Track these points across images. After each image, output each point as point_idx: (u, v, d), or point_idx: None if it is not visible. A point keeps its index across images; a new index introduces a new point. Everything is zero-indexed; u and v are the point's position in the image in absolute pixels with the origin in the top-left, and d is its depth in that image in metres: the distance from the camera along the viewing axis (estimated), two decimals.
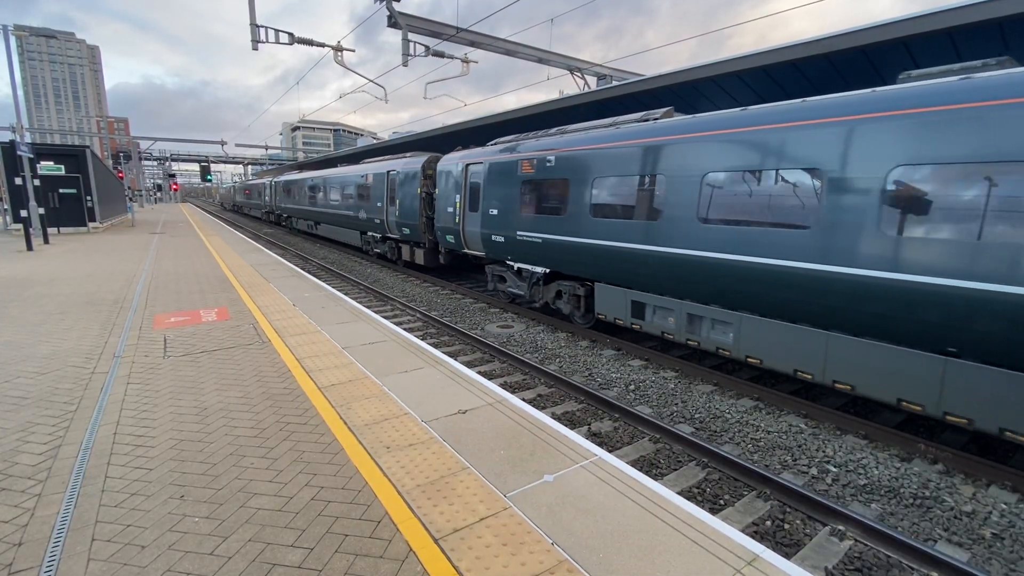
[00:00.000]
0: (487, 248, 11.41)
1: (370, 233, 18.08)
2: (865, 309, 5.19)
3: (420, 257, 14.87)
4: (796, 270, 5.66)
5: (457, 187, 12.25)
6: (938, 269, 4.66)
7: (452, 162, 12.65)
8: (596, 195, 8.39)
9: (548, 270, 9.80)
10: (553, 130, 10.21)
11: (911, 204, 4.87)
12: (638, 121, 8.14)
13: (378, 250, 17.89)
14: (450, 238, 12.83)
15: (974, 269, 4.45)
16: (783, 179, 5.88)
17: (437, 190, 13.34)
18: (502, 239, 10.71)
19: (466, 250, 12.41)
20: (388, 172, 16.03)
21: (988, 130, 4.39)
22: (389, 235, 16.55)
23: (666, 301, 7.45)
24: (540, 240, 9.57)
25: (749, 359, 6.40)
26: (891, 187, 4.98)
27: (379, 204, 16.54)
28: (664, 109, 8.18)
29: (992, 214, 4.39)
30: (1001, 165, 4.32)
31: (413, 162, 14.77)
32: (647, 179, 7.51)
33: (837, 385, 5.55)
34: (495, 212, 10.85)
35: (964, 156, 4.52)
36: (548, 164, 9.34)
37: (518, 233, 10.16)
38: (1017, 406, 4.39)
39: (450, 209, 12.58)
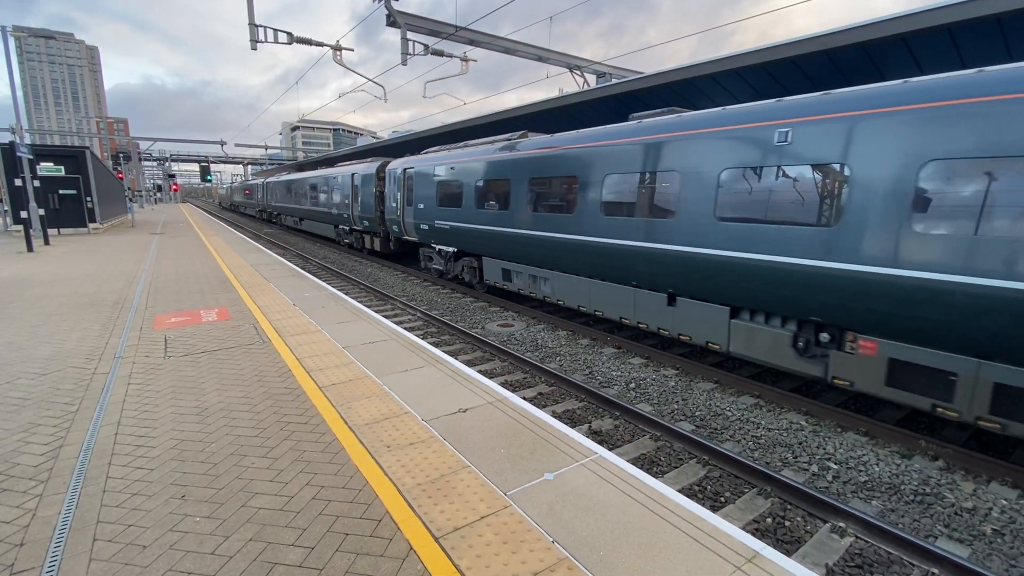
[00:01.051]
0: (419, 234, 14.51)
1: (341, 226, 21.24)
2: (598, 261, 8.44)
3: (377, 244, 17.94)
4: (565, 240, 9.00)
5: (398, 187, 15.28)
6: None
7: (395, 167, 15.64)
8: (480, 192, 11.38)
9: (456, 249, 12.90)
10: (459, 145, 13.35)
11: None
12: (506, 142, 11.03)
13: (347, 240, 21.04)
14: (395, 228, 15.94)
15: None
16: (563, 183, 9.20)
17: (386, 189, 16.33)
18: (427, 227, 13.81)
19: (406, 236, 15.50)
20: (352, 175, 18.95)
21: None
22: (355, 227, 19.60)
23: (520, 267, 10.60)
24: (449, 227, 12.73)
25: (559, 302, 9.65)
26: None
27: (346, 202, 19.55)
28: (520, 132, 11.40)
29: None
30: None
31: (370, 166, 17.61)
32: (504, 182, 10.53)
33: (597, 312, 8.82)
34: (422, 206, 13.92)
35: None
36: (452, 170, 12.60)
37: (436, 222, 13.27)
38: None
39: (394, 204, 15.65)
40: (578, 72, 18.86)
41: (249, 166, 72.97)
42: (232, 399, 4.53)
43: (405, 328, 9.34)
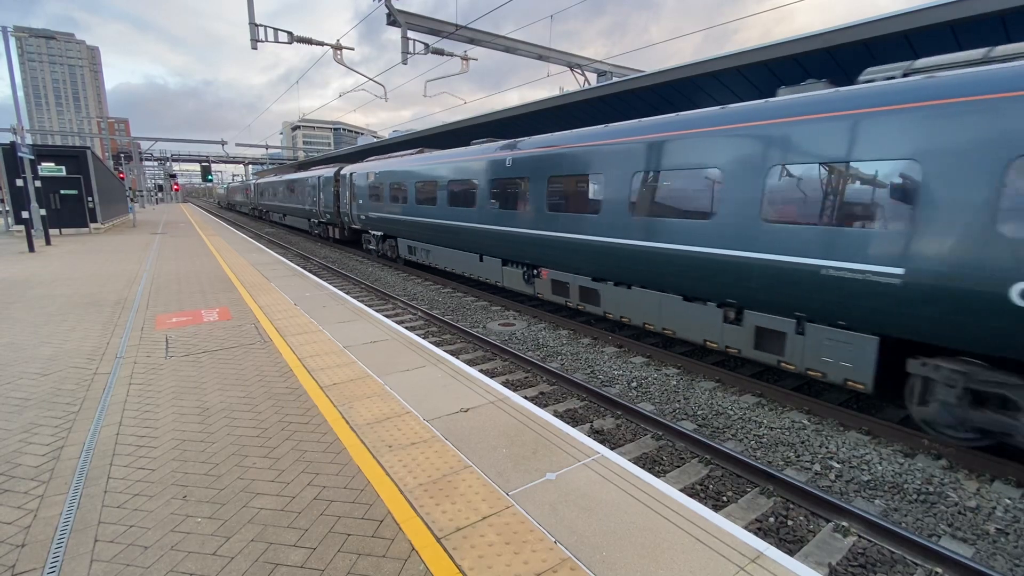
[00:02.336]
0: (360, 223, 18.85)
1: (311, 219, 25.81)
2: (451, 237, 12.50)
3: (336, 233, 22.55)
4: (435, 223, 13.01)
5: (345, 188, 19.82)
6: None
7: (345, 172, 20.03)
8: (391, 191, 15.55)
9: (382, 233, 17.21)
10: (388, 155, 17.47)
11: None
12: (408, 154, 15.36)
13: (317, 231, 25.61)
14: (346, 219, 20.32)
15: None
16: (431, 187, 13.15)
17: (339, 190, 20.93)
18: (364, 217, 18.18)
19: (353, 225, 19.76)
20: (318, 178, 23.43)
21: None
22: (320, 220, 24.19)
23: (416, 244, 14.68)
24: (376, 217, 17.02)
25: (434, 265, 13.72)
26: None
27: (314, 199, 24.30)
28: (418, 148, 16.45)
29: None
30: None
31: (330, 171, 22.10)
32: (409, 184, 14.37)
33: (453, 270, 12.94)
34: (360, 202, 18.32)
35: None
36: (376, 175, 16.71)
37: (369, 214, 17.61)
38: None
39: (345, 200, 20.02)
40: (579, 71, 18.82)
41: (250, 166, 73.01)
42: (233, 399, 4.53)
43: (406, 327, 9.34)
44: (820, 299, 5.52)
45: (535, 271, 9.96)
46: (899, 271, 4.83)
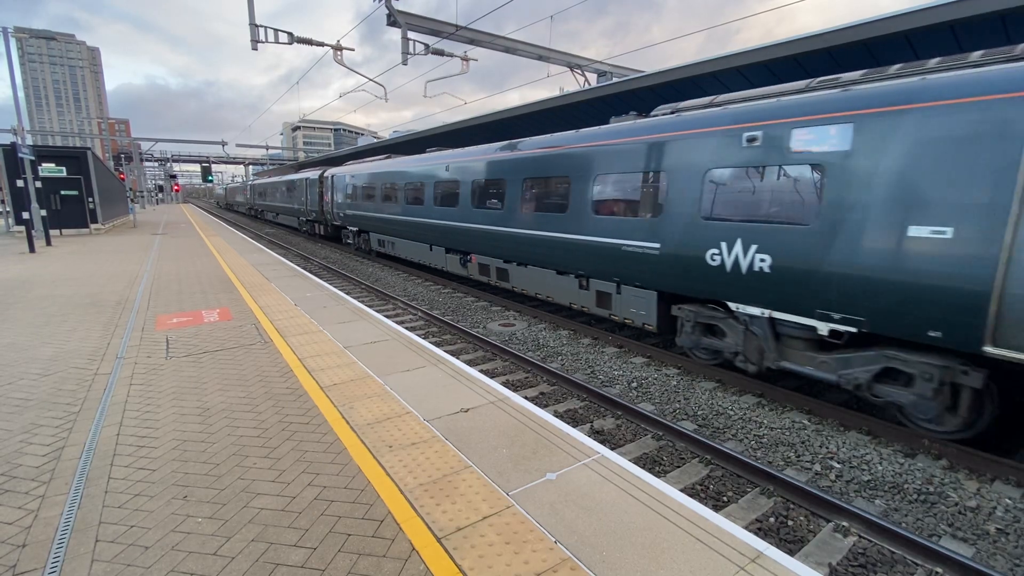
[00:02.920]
0: (339, 220, 21.19)
1: (301, 217, 28.08)
2: (411, 231, 14.52)
3: (321, 230, 24.89)
4: (395, 219, 15.21)
5: (327, 188, 22.30)
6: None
7: (327, 174, 22.39)
8: (364, 193, 17.91)
9: (358, 229, 19.36)
10: (363, 160, 20.99)
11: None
12: (384, 158, 18.10)
13: (305, 228, 28.05)
14: (328, 216, 22.67)
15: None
16: (391, 189, 15.67)
17: (323, 190, 23.12)
18: (343, 214, 20.45)
19: (334, 222, 22.19)
20: (304, 179, 25.87)
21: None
22: (308, 218, 26.47)
23: (384, 237, 16.74)
24: (352, 214, 19.25)
25: (398, 255, 15.92)
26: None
27: (302, 199, 26.55)
28: (385, 155, 19.45)
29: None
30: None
31: (315, 173, 24.21)
32: (377, 186, 16.60)
33: (413, 259, 14.95)
34: (339, 201, 20.69)
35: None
36: (351, 176, 19.37)
37: (346, 211, 19.92)
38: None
39: (327, 199, 22.41)
40: (579, 71, 18.83)
41: (250, 166, 73.04)
42: (234, 399, 4.53)
43: (406, 328, 9.34)
44: (624, 268, 7.83)
45: (468, 257, 12.26)
46: (657, 246, 7.20)
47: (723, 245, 6.33)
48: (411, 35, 14.81)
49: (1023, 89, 4.16)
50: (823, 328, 5.57)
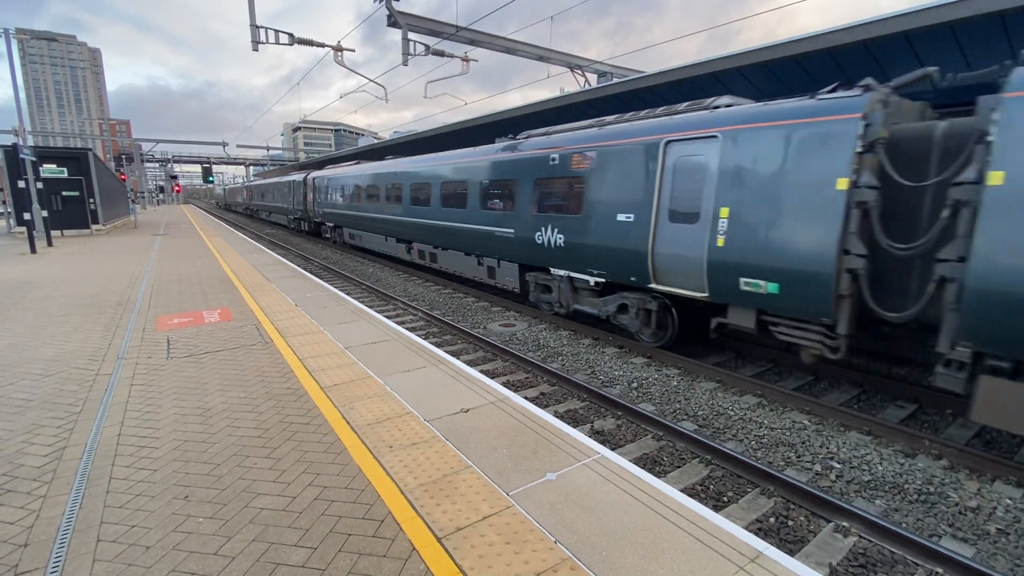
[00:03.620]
0: (320, 217, 24.26)
1: (289, 215, 31.28)
2: (373, 225, 17.52)
3: (306, 227, 27.94)
4: (357, 215, 18.71)
5: (310, 189, 25.24)
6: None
7: (310, 177, 25.48)
8: (338, 193, 20.69)
9: (334, 224, 22.25)
10: (338, 165, 24.24)
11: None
12: (354, 164, 21.68)
13: (293, 225, 31.34)
14: (311, 214, 25.66)
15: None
16: (358, 190, 18.94)
17: (307, 191, 25.89)
18: (322, 212, 23.46)
19: (315, 219, 25.29)
20: (291, 181, 29.37)
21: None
22: (295, 216, 29.55)
23: (354, 231, 19.39)
24: (329, 212, 22.19)
25: (363, 246, 19.14)
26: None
27: (291, 199, 29.61)
28: (355, 160, 26.12)
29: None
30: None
31: (300, 176, 27.42)
32: (348, 187, 19.32)
33: (378, 250, 18.16)
34: (319, 200, 23.74)
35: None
36: (328, 179, 22.30)
37: (324, 209, 22.94)
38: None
39: (310, 198, 25.33)
40: (579, 72, 18.84)
41: (251, 167, 73.09)
42: (235, 400, 4.54)
43: (407, 328, 9.34)
44: (499, 248, 10.77)
45: (411, 245, 15.31)
46: (512, 231, 10.19)
47: (543, 229, 9.48)
48: (411, 36, 14.83)
49: (659, 132, 7.41)
50: (592, 280, 8.75)
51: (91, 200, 21.79)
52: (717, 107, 7.12)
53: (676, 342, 7.95)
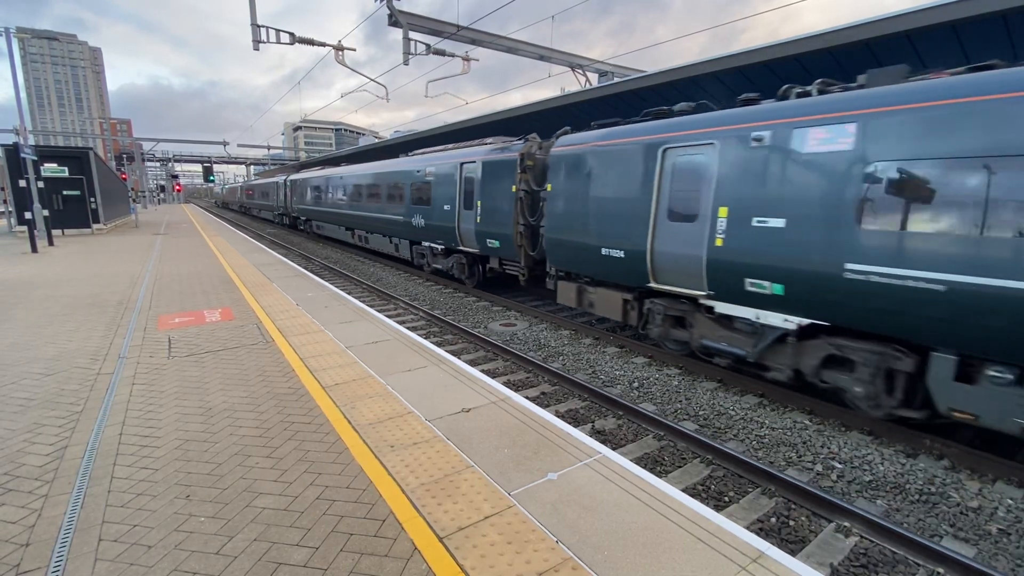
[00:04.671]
0: (298, 212, 28.37)
1: (275, 211, 36.02)
2: (338, 219, 22.06)
3: (287, 220, 32.57)
4: (323, 210, 23.83)
5: (289, 188, 29.71)
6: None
7: (289, 179, 29.74)
8: (308, 193, 25.35)
9: (307, 218, 26.86)
10: (312, 168, 30.07)
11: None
12: (320, 168, 27.82)
13: (276, 220, 36.26)
14: (290, 209, 30.14)
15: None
16: (318, 191, 24.40)
17: (287, 191, 30.37)
18: (299, 207, 27.57)
19: (293, 214, 29.83)
20: (275, 182, 34.27)
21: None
22: (279, 212, 34.25)
23: (320, 223, 24.66)
24: (302, 207, 26.92)
25: (327, 235, 24.47)
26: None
27: (274, 197, 34.77)
28: (321, 165, 34.63)
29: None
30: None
31: (283, 177, 32.23)
32: (314, 188, 24.40)
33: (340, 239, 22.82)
34: (296, 198, 28.14)
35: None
36: (300, 180, 27.08)
37: (299, 205, 27.26)
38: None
39: (293, 198, 29.09)
40: (580, 71, 18.83)
41: (252, 166, 73.10)
42: (236, 399, 4.54)
43: (408, 328, 9.35)
44: (398, 230, 15.42)
45: (353, 232, 20.06)
46: (423, 221, 13.71)
47: (415, 217, 14.20)
48: (412, 35, 14.82)
49: (456, 159, 12.25)
50: (440, 247, 13.60)
51: (92, 199, 21.80)
52: (473, 147, 12.36)
53: (490, 283, 13.10)
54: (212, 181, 44.90)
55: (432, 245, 13.88)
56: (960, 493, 4.41)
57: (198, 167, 72.72)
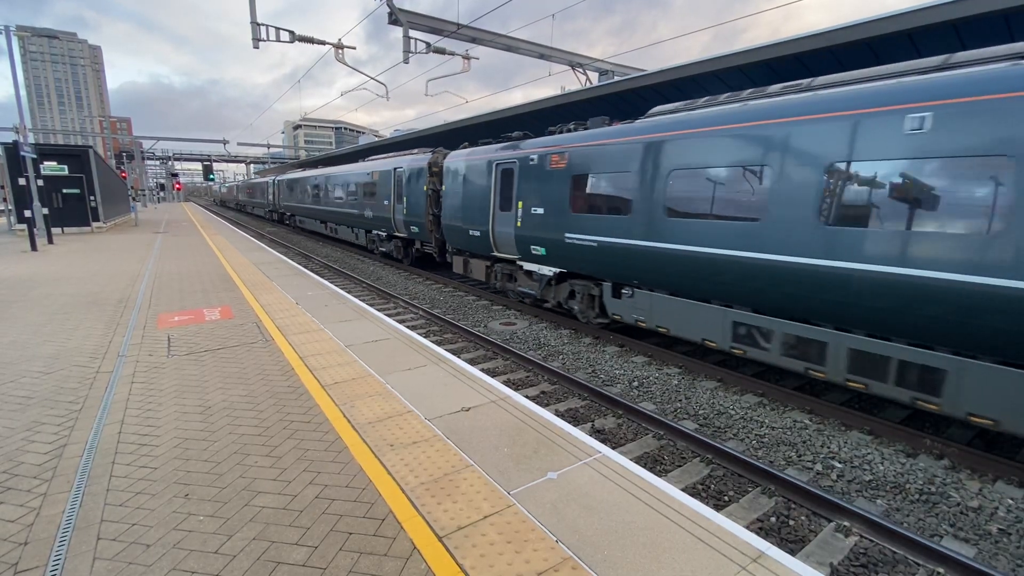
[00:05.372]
0: (283, 209, 32.67)
1: (264, 208, 40.11)
2: (318, 215, 25.31)
3: (275, 216, 36.67)
4: (303, 206, 27.70)
5: (277, 187, 33.51)
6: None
7: (276, 179, 33.91)
8: (292, 191, 29.60)
9: (291, 213, 31.22)
10: (295, 170, 35.10)
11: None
12: (301, 170, 34.89)
13: (267, 216, 40.46)
14: (277, 206, 34.13)
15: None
16: (300, 191, 28.65)
17: (277, 189, 34.13)
18: (286, 205, 31.51)
19: (279, 210, 34.06)
20: (264, 182, 39.28)
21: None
22: (268, 208, 38.22)
23: (304, 218, 28.47)
24: (290, 204, 30.45)
25: (306, 228, 29.17)
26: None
27: (263, 195, 39.43)
28: (300, 167, 47.43)
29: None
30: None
31: (270, 177, 36.65)
32: (295, 187, 28.69)
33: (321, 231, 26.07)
34: (282, 196, 32.55)
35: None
36: (286, 181, 31.42)
37: (285, 203, 31.78)
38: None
39: (280, 196, 33.03)
40: (580, 70, 18.80)
41: (251, 165, 73.05)
42: (235, 398, 4.54)
43: (407, 326, 9.34)
44: (367, 222, 18.28)
45: (327, 225, 23.59)
46: (372, 213, 17.37)
47: (366, 210, 17.61)
48: (413, 33, 14.80)
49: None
50: (384, 233, 17.21)
51: (92, 198, 21.77)
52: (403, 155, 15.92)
53: (422, 263, 16.33)
54: (212, 180, 45.25)
55: (378, 232, 17.81)
56: (960, 493, 4.40)
57: (198, 166, 72.72)
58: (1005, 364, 4.42)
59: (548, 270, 9.58)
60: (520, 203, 9.68)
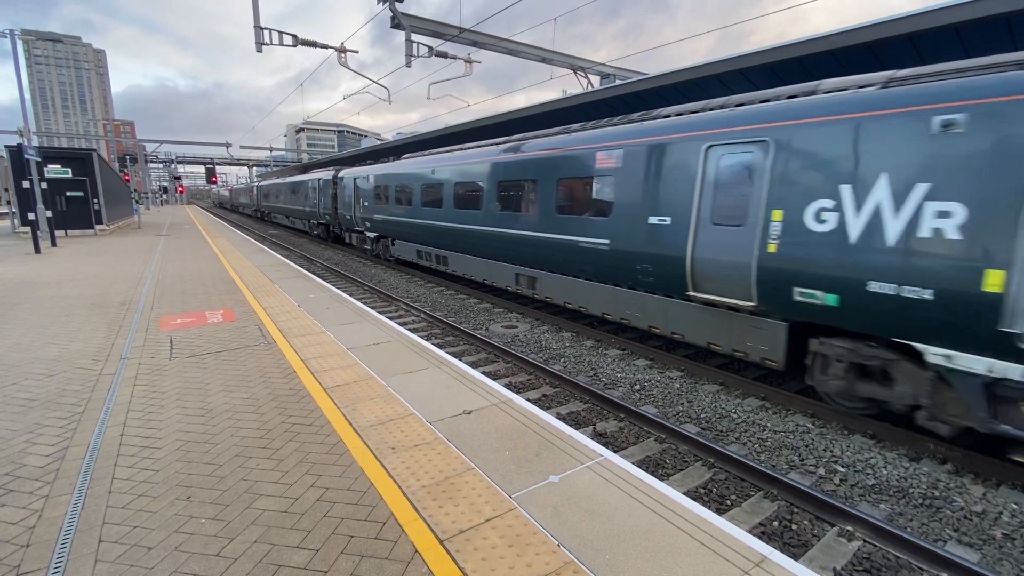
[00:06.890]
0: (264, 209, 40.95)
1: (254, 210, 45.51)
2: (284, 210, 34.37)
3: (259, 215, 43.75)
4: (281, 206, 34.97)
5: (261, 193, 41.90)
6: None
7: (260, 183, 44.67)
8: (272, 195, 36.77)
9: (269, 212, 39.62)
10: (280, 176, 45.20)
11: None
12: (279, 177, 44.04)
13: (253, 215, 46.97)
14: (261, 208, 42.55)
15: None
16: (279, 193, 36.65)
17: (258, 191, 43.64)
18: (265, 206, 40.23)
19: (261, 210, 42.88)
20: (251, 185, 49.66)
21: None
22: (256, 210, 44.17)
23: (276, 216, 37.35)
24: (268, 205, 38.92)
25: (275, 220, 40.06)
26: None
27: (250, 198, 47.20)
28: (279, 174, 53.03)
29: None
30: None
31: (254, 182, 49.79)
32: (275, 191, 36.51)
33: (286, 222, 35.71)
34: (262, 198, 41.22)
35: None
36: (266, 185, 40.65)
37: (263, 204, 40.80)
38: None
39: (260, 198, 42.34)
40: (582, 73, 18.85)
41: (254, 168, 73.30)
42: (237, 400, 4.54)
43: (409, 329, 9.34)
44: (309, 215, 26.84)
45: (289, 218, 31.91)
46: (311, 208, 25.95)
47: (308, 206, 26.58)
48: (415, 37, 14.86)
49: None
50: (371, 233, 18.58)
51: (95, 200, 21.87)
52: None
53: (339, 243, 24.19)
54: (214, 181, 46.32)
55: (316, 221, 25.83)
56: (964, 497, 4.38)
57: (201, 168, 72.99)
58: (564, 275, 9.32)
59: (372, 234, 18.04)
60: (362, 200, 18.26)
